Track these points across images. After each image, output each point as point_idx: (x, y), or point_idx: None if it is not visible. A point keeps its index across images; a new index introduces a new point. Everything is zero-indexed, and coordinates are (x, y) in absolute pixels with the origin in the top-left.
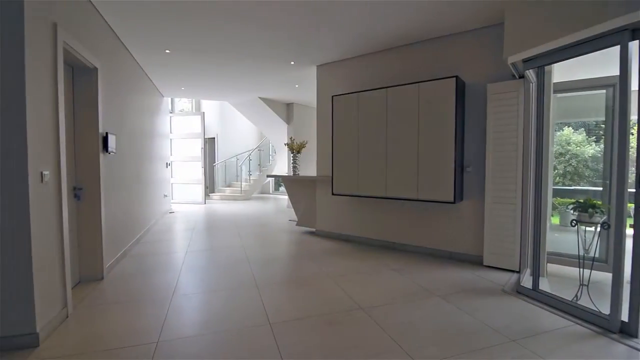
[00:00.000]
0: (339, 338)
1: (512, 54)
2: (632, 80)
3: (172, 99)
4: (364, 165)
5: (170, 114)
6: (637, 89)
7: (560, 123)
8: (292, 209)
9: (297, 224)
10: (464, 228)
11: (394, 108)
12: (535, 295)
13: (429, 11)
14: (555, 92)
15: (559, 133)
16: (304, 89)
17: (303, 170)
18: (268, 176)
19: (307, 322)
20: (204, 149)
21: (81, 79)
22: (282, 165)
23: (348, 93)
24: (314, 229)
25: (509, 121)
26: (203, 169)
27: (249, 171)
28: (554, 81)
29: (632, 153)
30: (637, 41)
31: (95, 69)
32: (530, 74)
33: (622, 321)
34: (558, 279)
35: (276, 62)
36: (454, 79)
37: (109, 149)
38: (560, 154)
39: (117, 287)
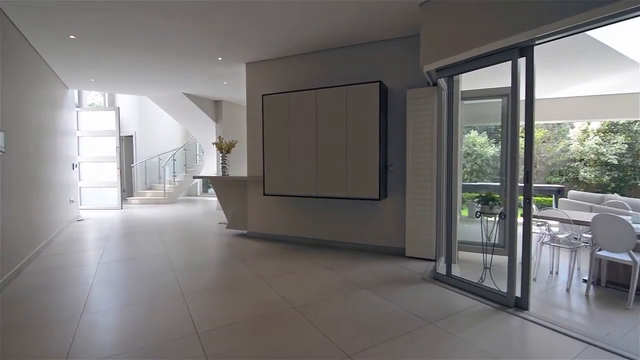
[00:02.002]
0: (271, 339)
1: (426, 63)
2: (520, 91)
3: (79, 91)
4: (295, 165)
5: (78, 109)
6: (524, 99)
7: (468, 127)
8: (222, 212)
9: (227, 227)
10: (388, 223)
11: (323, 109)
12: (448, 280)
13: (353, 18)
14: (462, 99)
15: (466, 135)
16: (233, 86)
17: (233, 170)
18: (195, 177)
19: (238, 327)
20: (120, 147)
21: None
22: (210, 166)
23: (278, 93)
24: (245, 231)
25: (425, 124)
26: (119, 170)
27: (174, 172)
28: (462, 89)
29: (522, 154)
30: (525, 58)
31: None
32: (442, 82)
33: (517, 297)
34: (467, 265)
35: (202, 58)
36: (378, 83)
37: None
38: (468, 154)
39: (9, 311)
